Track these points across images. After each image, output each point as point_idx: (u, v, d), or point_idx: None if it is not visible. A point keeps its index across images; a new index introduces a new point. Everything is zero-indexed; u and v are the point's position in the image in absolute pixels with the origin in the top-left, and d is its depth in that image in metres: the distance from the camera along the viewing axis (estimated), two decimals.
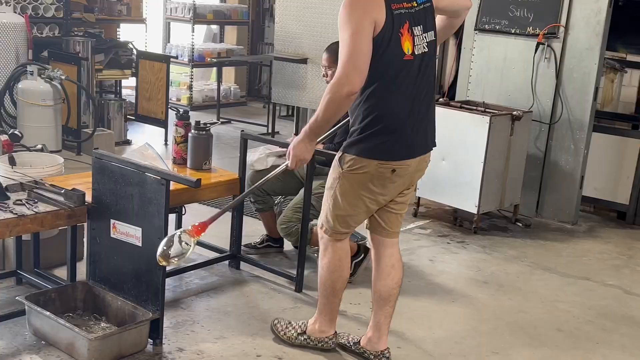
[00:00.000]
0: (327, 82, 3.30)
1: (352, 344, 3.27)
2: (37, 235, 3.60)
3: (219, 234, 4.46)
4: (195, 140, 3.85)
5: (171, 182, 3.07)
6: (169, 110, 7.09)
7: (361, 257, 4.05)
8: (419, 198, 5.34)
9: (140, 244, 3.11)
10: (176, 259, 2.84)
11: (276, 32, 6.98)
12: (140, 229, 3.10)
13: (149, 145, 3.63)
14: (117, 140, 6.82)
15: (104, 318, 3.23)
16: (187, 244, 2.83)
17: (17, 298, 3.15)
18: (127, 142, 7.01)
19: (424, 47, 2.87)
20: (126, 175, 3.12)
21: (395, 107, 2.86)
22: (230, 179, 3.90)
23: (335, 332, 3.25)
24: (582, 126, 5.30)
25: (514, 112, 5.10)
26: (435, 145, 3.08)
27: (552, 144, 5.45)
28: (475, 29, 5.66)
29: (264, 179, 3.24)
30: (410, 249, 4.68)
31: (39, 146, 4.11)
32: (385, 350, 3.17)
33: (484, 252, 4.77)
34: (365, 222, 3.14)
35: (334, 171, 3.01)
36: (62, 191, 3.21)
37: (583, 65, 5.23)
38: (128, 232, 3.13)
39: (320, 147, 4.24)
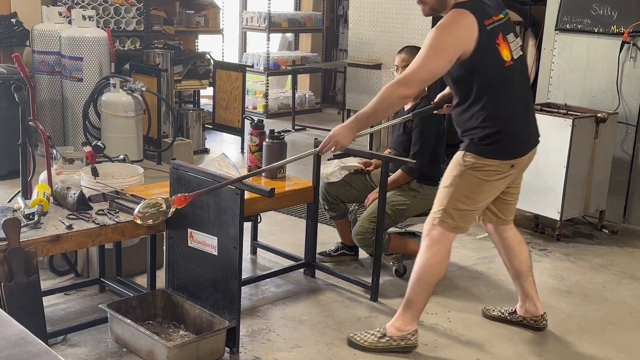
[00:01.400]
0: None
1: (507, 314, 3.59)
2: (119, 244, 3.70)
3: (294, 242, 4.49)
4: (270, 149, 3.87)
5: (246, 192, 3.10)
6: (245, 119, 7.20)
7: None
8: None
9: (216, 253, 3.15)
10: (150, 221, 3.00)
11: (350, 39, 6.98)
12: (216, 238, 3.13)
13: (225, 155, 3.69)
14: (196, 149, 6.96)
15: (183, 326, 3.28)
16: (166, 210, 3.00)
17: (99, 306, 3.24)
18: (206, 151, 7.15)
19: (519, 51, 3.12)
20: (202, 185, 3.16)
21: (511, 111, 3.08)
22: (305, 187, 3.90)
23: (417, 328, 3.26)
24: None
25: (599, 115, 4.89)
26: (540, 135, 3.29)
27: None
28: (555, 29, 5.47)
29: (282, 161, 3.60)
30: (489, 257, 4.56)
31: (121, 156, 4.23)
32: (543, 314, 3.53)
33: (567, 260, 4.59)
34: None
35: (454, 169, 3.14)
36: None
37: None
38: (204, 241, 3.18)
39: (387, 152, 4.24)
